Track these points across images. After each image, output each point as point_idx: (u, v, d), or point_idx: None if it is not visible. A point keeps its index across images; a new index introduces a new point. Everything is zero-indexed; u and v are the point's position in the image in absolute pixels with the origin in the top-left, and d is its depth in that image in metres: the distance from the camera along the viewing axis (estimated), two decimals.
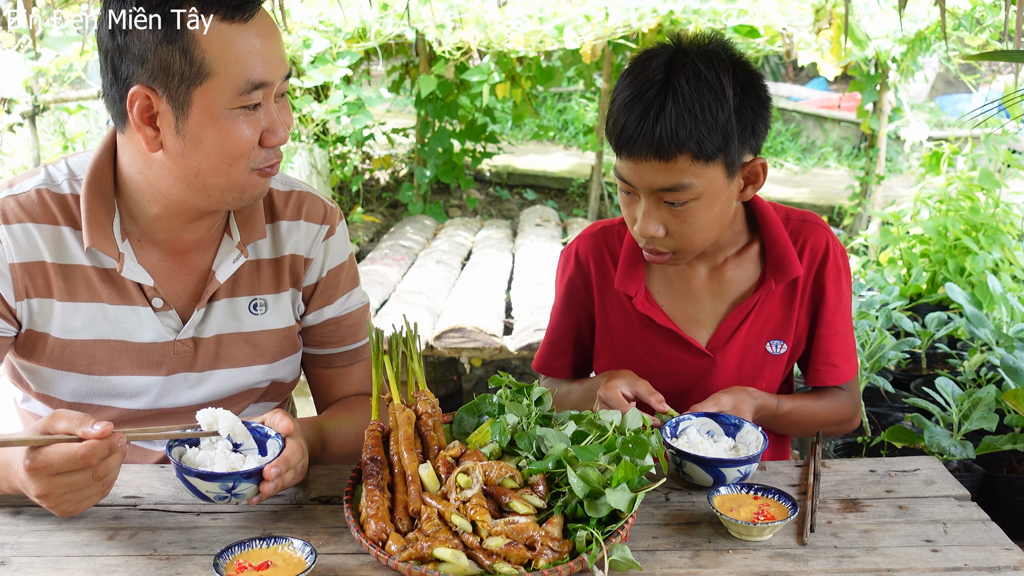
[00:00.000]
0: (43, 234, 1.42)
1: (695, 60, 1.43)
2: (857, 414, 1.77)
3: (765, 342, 1.69)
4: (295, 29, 5.71)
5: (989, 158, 3.86)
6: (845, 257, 1.71)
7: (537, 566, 1.14)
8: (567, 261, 1.80)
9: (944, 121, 10.51)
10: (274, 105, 1.35)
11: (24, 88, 5.06)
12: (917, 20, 5.54)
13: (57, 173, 1.46)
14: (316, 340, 1.65)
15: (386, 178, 8.01)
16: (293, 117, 1.36)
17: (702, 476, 1.38)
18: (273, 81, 1.32)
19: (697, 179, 1.45)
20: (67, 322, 1.45)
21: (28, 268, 1.43)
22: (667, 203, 1.49)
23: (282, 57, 1.34)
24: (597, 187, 7.16)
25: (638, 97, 1.43)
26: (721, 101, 1.42)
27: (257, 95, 1.30)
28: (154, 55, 1.26)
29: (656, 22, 5.68)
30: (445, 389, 4.42)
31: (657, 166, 1.44)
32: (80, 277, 1.45)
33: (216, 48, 1.26)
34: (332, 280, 1.62)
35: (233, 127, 1.31)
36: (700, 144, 1.42)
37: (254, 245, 1.54)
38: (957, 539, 1.27)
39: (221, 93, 1.28)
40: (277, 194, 1.58)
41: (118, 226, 1.43)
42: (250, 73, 1.28)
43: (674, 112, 1.41)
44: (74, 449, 1.14)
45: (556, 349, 1.84)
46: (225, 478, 1.23)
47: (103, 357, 1.48)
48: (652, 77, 1.43)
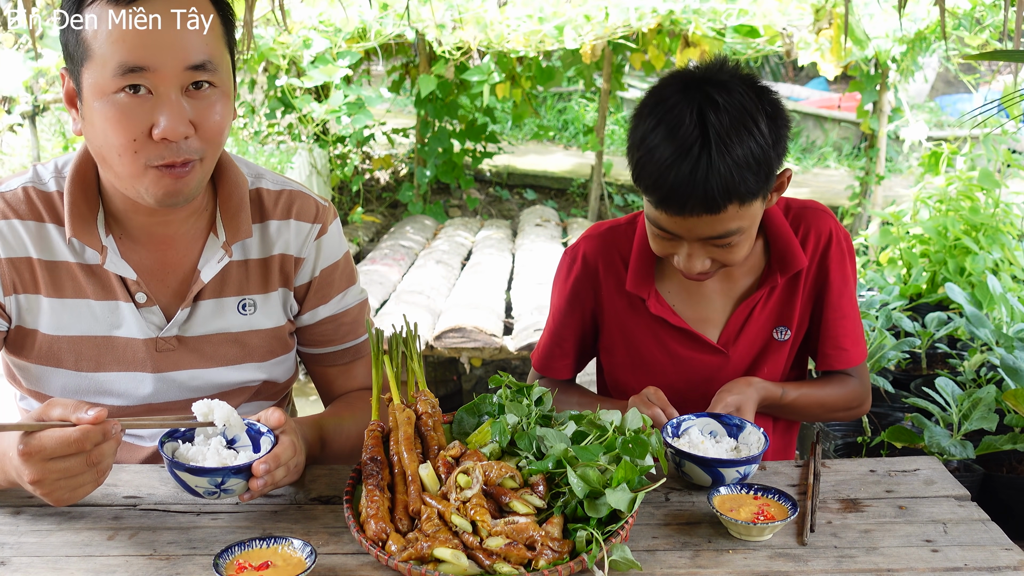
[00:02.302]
0: (29, 231, 1.43)
1: (726, 106, 1.41)
2: (867, 399, 1.78)
3: (771, 330, 1.72)
4: (295, 29, 5.71)
5: (989, 158, 3.86)
6: (849, 243, 1.72)
7: (537, 566, 1.13)
8: (572, 261, 1.79)
9: (944, 121, 10.52)
10: (176, 96, 1.26)
11: (24, 88, 5.06)
12: (917, 20, 5.55)
13: (44, 171, 1.47)
14: (314, 339, 1.65)
15: (386, 178, 8.02)
16: (218, 119, 1.32)
17: (701, 476, 1.38)
18: (154, 67, 1.24)
19: (743, 220, 1.48)
20: (54, 318, 1.46)
21: (15, 264, 1.44)
22: (713, 244, 1.51)
23: (184, 44, 1.25)
24: (597, 187, 7.17)
25: (682, 155, 1.40)
26: (758, 140, 1.42)
27: (137, 79, 1.24)
28: (63, 36, 1.29)
29: (656, 22, 5.68)
30: (445, 389, 4.42)
31: (707, 219, 1.46)
32: (65, 273, 1.45)
33: (96, 31, 1.24)
34: (326, 279, 1.61)
35: (111, 112, 1.25)
36: (747, 189, 1.43)
37: (241, 245, 1.52)
38: (957, 539, 1.27)
39: (99, 74, 1.24)
40: (267, 193, 1.57)
41: (102, 221, 1.44)
42: (123, 55, 1.23)
43: (722, 167, 1.40)
44: (67, 433, 1.14)
45: (559, 350, 1.83)
46: (214, 473, 1.23)
47: (89, 353, 1.48)
48: (689, 132, 1.40)
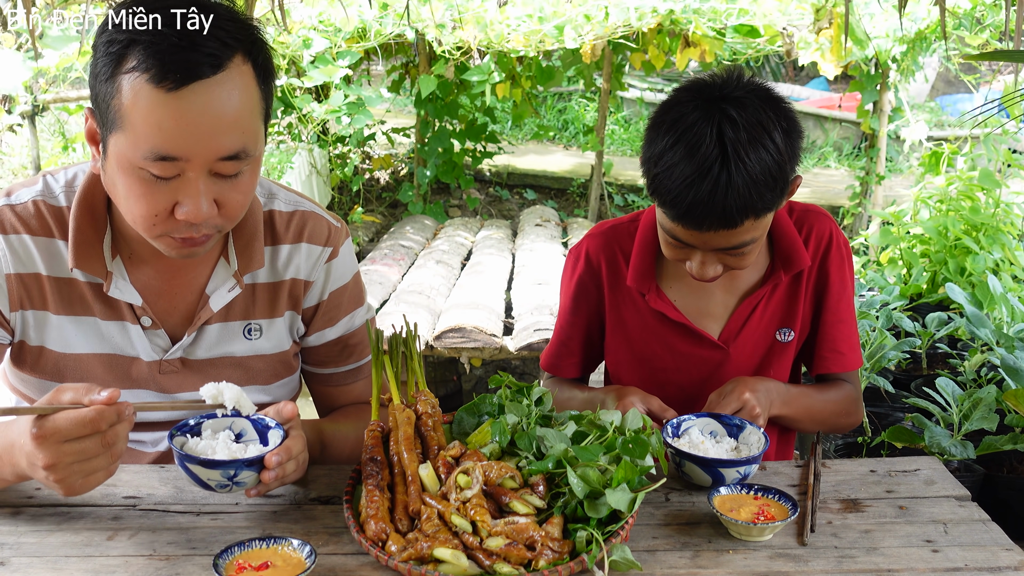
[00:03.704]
0: (39, 246, 1.41)
1: (743, 123, 1.41)
2: (861, 408, 1.78)
3: (774, 331, 1.72)
4: (295, 29, 5.71)
5: (989, 158, 3.86)
6: (848, 247, 1.73)
7: (537, 566, 1.13)
8: (576, 260, 1.80)
9: (944, 121, 10.52)
10: (203, 181, 1.24)
11: (24, 88, 5.06)
12: (917, 20, 5.55)
13: (55, 184, 1.43)
14: (319, 360, 1.63)
15: (386, 178, 8.02)
16: (242, 196, 1.30)
17: (701, 476, 1.38)
18: (187, 157, 1.21)
19: (757, 232, 1.49)
20: (62, 335, 1.44)
21: (24, 280, 1.41)
22: (727, 252, 1.52)
23: (220, 135, 1.21)
24: (597, 187, 7.16)
25: (702, 174, 1.41)
26: (776, 158, 1.43)
27: (167, 166, 1.21)
28: (95, 83, 1.24)
29: (656, 22, 5.68)
30: (445, 389, 4.42)
31: (724, 233, 1.47)
32: (74, 291, 1.43)
33: (132, 106, 1.19)
34: (334, 302, 1.58)
35: (136, 185, 1.24)
36: (764, 205, 1.45)
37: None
38: (957, 539, 1.26)
39: (128, 149, 1.21)
40: (279, 216, 1.53)
41: (109, 243, 1.41)
42: (157, 143, 1.19)
43: (741, 184, 1.40)
44: (83, 413, 1.13)
45: (565, 349, 1.84)
46: (227, 466, 1.23)
47: (96, 372, 1.46)
48: (708, 153, 1.41)
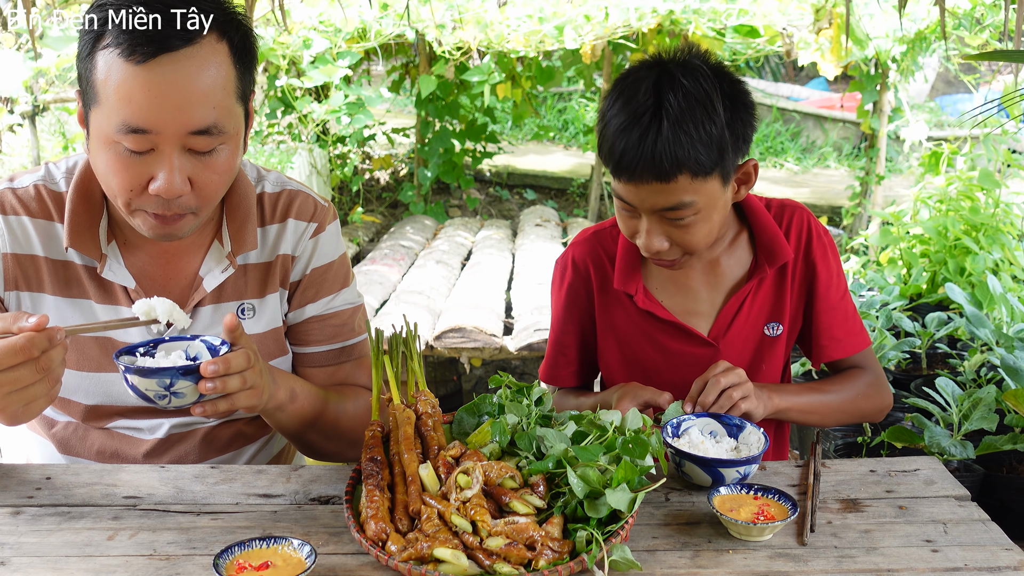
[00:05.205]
0: (38, 228, 1.45)
1: (681, 79, 1.46)
2: (885, 390, 1.76)
3: (763, 326, 1.73)
4: (295, 29, 5.71)
5: (989, 158, 3.86)
6: (828, 235, 1.76)
7: (537, 566, 1.13)
8: (564, 268, 1.81)
9: (944, 121, 10.52)
10: (176, 155, 1.27)
11: (24, 88, 5.06)
12: (917, 20, 5.55)
13: (56, 171, 1.49)
14: (299, 337, 1.64)
15: (386, 178, 8.02)
16: (217, 177, 1.33)
17: (701, 476, 1.38)
18: (157, 129, 1.24)
19: (697, 196, 1.50)
20: (59, 316, 1.46)
21: (20, 260, 1.44)
22: (669, 219, 1.52)
23: (190, 109, 1.25)
24: (597, 187, 7.17)
25: (634, 122, 1.46)
26: (713, 117, 1.46)
27: (140, 139, 1.25)
28: (78, 63, 1.28)
29: (656, 22, 5.68)
30: (445, 389, 4.42)
31: (658, 188, 1.48)
32: (71, 272, 1.47)
33: (106, 80, 1.24)
34: (316, 278, 1.60)
35: (113, 160, 1.27)
36: (698, 162, 1.46)
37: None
38: (957, 539, 1.27)
39: (104, 123, 1.25)
40: (268, 197, 1.57)
41: (105, 228, 1.45)
42: (128, 115, 1.23)
43: (671, 134, 1.43)
44: (12, 341, 1.12)
45: (563, 358, 1.85)
46: (162, 373, 1.21)
47: (91, 353, 1.48)
48: (643, 101, 1.46)
